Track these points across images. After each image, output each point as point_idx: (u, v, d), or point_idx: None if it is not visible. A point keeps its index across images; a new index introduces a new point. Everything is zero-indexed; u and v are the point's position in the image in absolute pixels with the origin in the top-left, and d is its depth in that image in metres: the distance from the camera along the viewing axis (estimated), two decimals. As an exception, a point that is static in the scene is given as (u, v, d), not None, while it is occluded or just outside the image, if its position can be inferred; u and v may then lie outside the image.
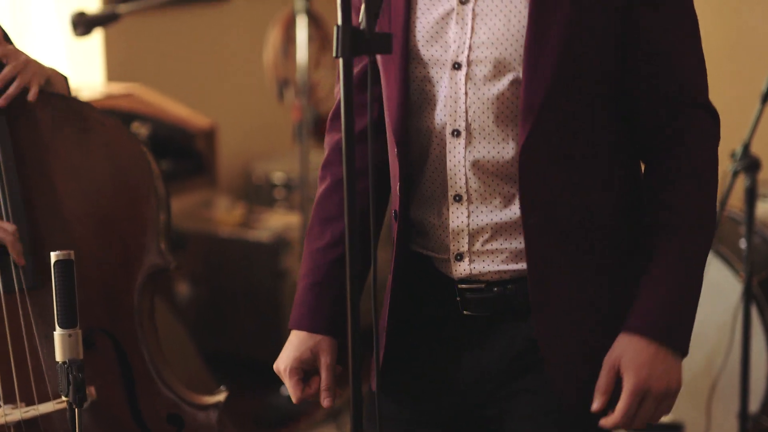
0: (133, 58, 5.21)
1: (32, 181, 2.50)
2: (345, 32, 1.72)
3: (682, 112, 1.99)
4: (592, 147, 1.99)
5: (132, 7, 4.41)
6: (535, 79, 1.93)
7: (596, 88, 1.97)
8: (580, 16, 1.92)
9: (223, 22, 5.60)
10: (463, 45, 1.98)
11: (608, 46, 1.95)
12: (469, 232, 2.03)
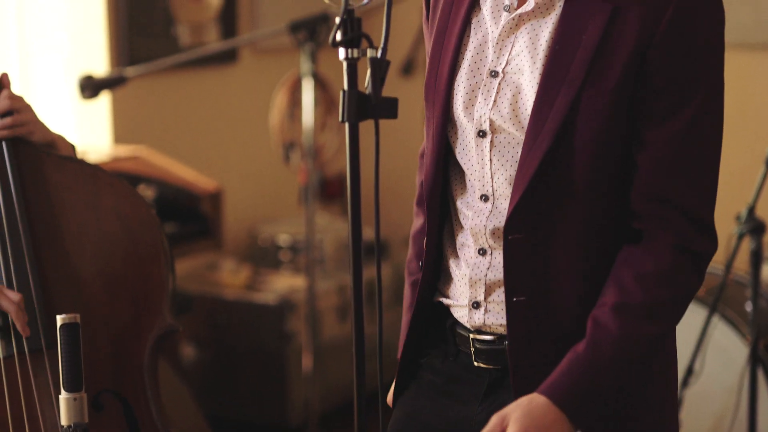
0: (139, 120, 5.24)
1: (43, 242, 2.51)
2: (351, 97, 1.74)
3: (671, 220, 1.99)
4: (578, 224, 2.02)
5: (139, 71, 4.44)
6: (529, 156, 1.98)
7: (587, 173, 1.99)
8: (581, 106, 1.96)
9: (229, 85, 5.64)
10: (484, 115, 2.04)
11: (606, 141, 1.98)
12: (486, 282, 2.09)
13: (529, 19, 2.02)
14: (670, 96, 1.96)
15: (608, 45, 1.95)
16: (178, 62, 4.77)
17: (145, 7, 5.18)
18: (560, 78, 1.96)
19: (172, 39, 5.31)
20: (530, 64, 2.01)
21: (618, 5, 1.95)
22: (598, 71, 1.95)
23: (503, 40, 2.04)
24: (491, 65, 2.05)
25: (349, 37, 1.75)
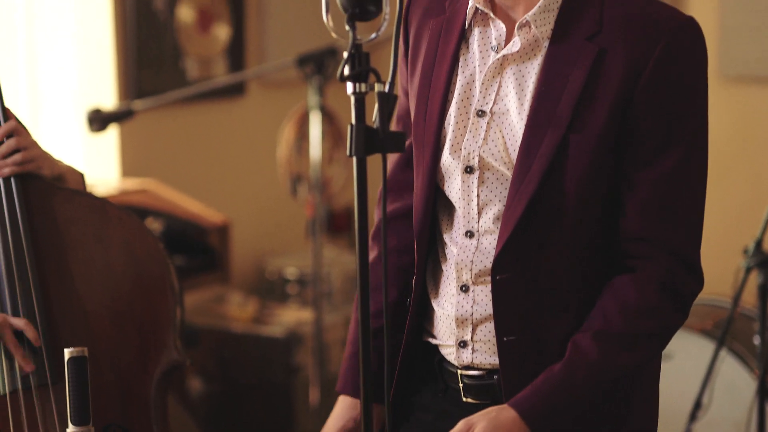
0: (147, 153, 5.25)
1: (50, 275, 2.51)
2: (359, 131, 1.75)
3: (658, 259, 2.00)
4: (566, 263, 2.02)
5: (147, 104, 4.46)
6: (516, 196, 1.99)
7: (575, 212, 2.00)
8: (568, 148, 1.97)
9: (237, 118, 5.65)
10: (473, 152, 2.04)
11: (593, 181, 1.99)
12: (472, 321, 2.08)
13: (515, 60, 2.03)
14: (656, 138, 1.97)
15: (594, 87, 1.96)
16: (186, 95, 4.79)
17: (153, 40, 5.21)
18: (547, 120, 1.97)
19: (180, 72, 5.33)
20: (517, 105, 2.02)
21: (604, 47, 1.96)
22: (584, 113, 1.96)
23: (489, 80, 2.05)
24: (478, 104, 2.06)
25: (357, 72, 1.76)
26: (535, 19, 2.00)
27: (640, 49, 1.95)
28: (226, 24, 5.52)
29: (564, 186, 1.98)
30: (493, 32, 2.07)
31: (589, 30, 1.98)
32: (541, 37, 2.01)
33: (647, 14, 1.98)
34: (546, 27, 2.01)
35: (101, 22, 5.08)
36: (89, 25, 5.11)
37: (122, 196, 4.63)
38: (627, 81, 1.95)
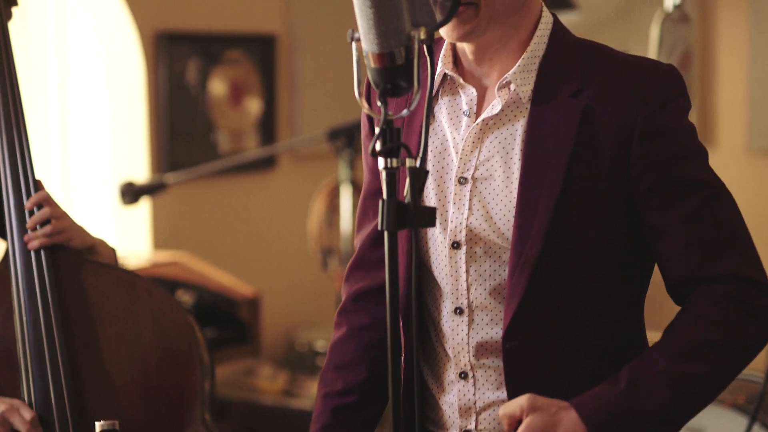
0: (179, 226, 5.28)
1: (79, 349, 2.52)
2: (390, 206, 1.75)
3: (720, 285, 1.95)
4: (579, 322, 1.99)
5: (179, 177, 4.49)
6: (520, 262, 1.95)
7: (583, 268, 1.97)
8: (567, 207, 1.95)
9: (268, 191, 5.68)
10: (460, 225, 2.01)
11: (600, 234, 1.96)
12: (476, 410, 2.04)
13: (496, 123, 2.00)
14: (669, 184, 1.95)
15: (586, 143, 1.94)
16: (217, 169, 4.82)
17: (185, 113, 5.25)
18: (540, 180, 1.95)
19: (212, 145, 5.37)
20: (504, 169, 1.98)
21: (589, 104, 1.95)
22: (579, 170, 1.94)
23: (470, 145, 2.02)
24: (458, 172, 2.02)
25: (388, 147, 1.76)
26: (516, 78, 1.98)
27: (628, 102, 1.94)
28: (257, 97, 5.56)
29: (569, 244, 1.95)
30: (463, 98, 2.04)
31: (573, 87, 1.97)
32: (522, 97, 1.99)
33: (629, 69, 1.98)
34: (527, 87, 1.99)
35: (134, 95, 5.14)
36: (122, 98, 5.16)
37: (154, 268, 4.65)
38: (620, 135, 1.94)
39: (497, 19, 1.97)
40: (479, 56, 2.03)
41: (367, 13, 1.74)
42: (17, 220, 2.54)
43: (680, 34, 3.51)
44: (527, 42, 2.01)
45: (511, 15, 1.98)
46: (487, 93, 2.04)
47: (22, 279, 2.52)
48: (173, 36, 5.17)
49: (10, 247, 2.55)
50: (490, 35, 1.99)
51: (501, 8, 1.96)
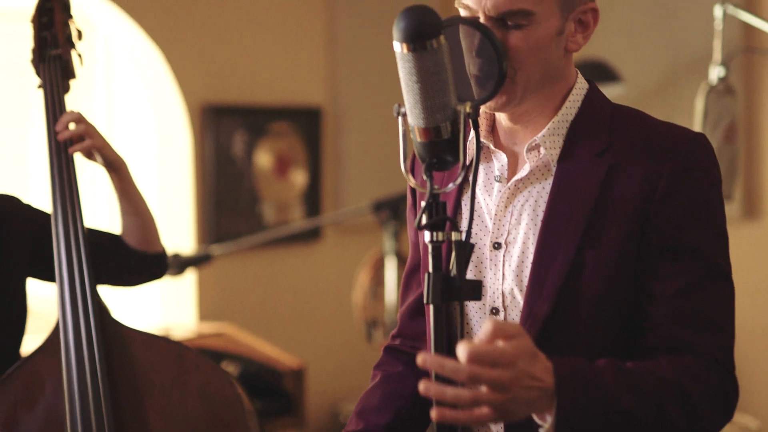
0: (224, 297, 5.30)
1: (127, 420, 2.52)
2: (436, 279, 1.75)
3: (679, 357, 1.93)
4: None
5: (224, 249, 4.52)
6: (530, 318, 1.95)
7: (592, 330, 1.96)
8: (582, 264, 1.94)
9: (313, 263, 5.70)
10: (497, 291, 2.02)
11: (611, 295, 1.96)
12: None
13: (526, 186, 2.02)
14: (675, 252, 1.94)
15: (607, 202, 1.95)
16: (262, 240, 4.84)
17: (231, 185, 5.30)
18: (558, 236, 1.95)
19: (258, 217, 5.41)
20: (534, 231, 1.99)
21: (614, 163, 1.96)
22: (598, 228, 1.94)
23: (502, 210, 2.03)
24: (492, 237, 2.03)
25: (434, 221, 1.77)
26: (544, 141, 2.00)
27: (653, 165, 1.94)
28: (303, 169, 5.60)
29: (579, 301, 1.95)
30: (495, 164, 2.06)
31: (599, 147, 1.98)
32: (551, 159, 2.00)
33: (657, 132, 1.98)
34: (555, 149, 2.00)
35: (181, 167, 5.19)
36: (169, 170, 5.22)
37: (199, 339, 4.67)
38: (641, 196, 1.94)
39: (532, 88, 1.98)
40: (515, 123, 2.05)
41: (413, 89, 1.76)
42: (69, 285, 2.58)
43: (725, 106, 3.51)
44: (560, 107, 2.03)
45: (547, 84, 2.01)
46: (519, 157, 2.06)
47: (73, 350, 2.54)
48: (220, 109, 5.23)
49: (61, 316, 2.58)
50: (527, 104, 2.01)
51: (536, 78, 1.98)
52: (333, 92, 5.72)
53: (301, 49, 5.59)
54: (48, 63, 2.77)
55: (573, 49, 2.00)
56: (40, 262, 2.68)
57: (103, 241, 2.77)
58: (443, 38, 1.75)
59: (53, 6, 2.80)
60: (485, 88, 1.90)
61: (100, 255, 2.71)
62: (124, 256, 2.78)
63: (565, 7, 1.96)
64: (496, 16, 1.92)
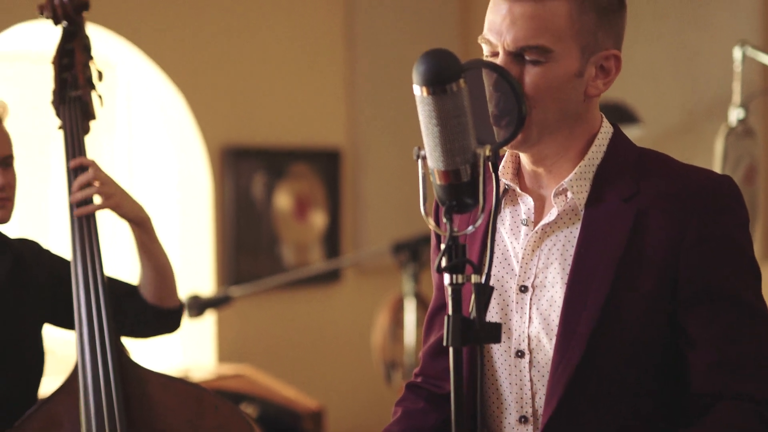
0: (244, 339, 5.30)
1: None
2: (455, 322, 1.75)
3: (725, 402, 1.94)
4: (619, 422, 1.97)
5: (244, 290, 4.52)
6: (562, 364, 1.95)
7: (625, 377, 1.96)
8: (612, 311, 1.94)
9: (332, 304, 5.70)
10: (522, 334, 2.02)
11: (644, 338, 1.96)
12: None
13: (554, 230, 2.02)
14: (710, 297, 1.94)
15: (636, 247, 1.95)
16: (282, 282, 4.84)
17: (251, 226, 5.31)
18: (588, 283, 1.95)
19: (277, 258, 5.41)
20: (562, 275, 1.99)
21: (642, 208, 1.96)
22: (628, 274, 1.94)
23: (529, 253, 2.03)
24: (519, 280, 2.03)
25: (454, 264, 1.77)
26: (572, 186, 2.00)
27: (681, 209, 1.94)
28: (322, 211, 5.61)
29: (611, 347, 1.94)
30: (522, 207, 2.06)
31: (626, 192, 1.98)
32: (578, 203, 2.00)
33: (684, 176, 1.98)
34: (582, 194, 2.00)
35: (201, 209, 5.20)
36: (189, 211, 5.23)
37: (218, 381, 4.66)
38: (671, 241, 1.94)
39: (549, 128, 1.99)
40: (538, 166, 2.05)
41: (433, 131, 1.77)
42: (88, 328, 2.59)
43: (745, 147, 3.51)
44: (585, 152, 2.03)
45: (566, 125, 2.01)
46: (545, 202, 2.06)
47: (91, 392, 2.54)
48: (240, 150, 5.25)
49: (80, 356, 2.58)
50: (545, 145, 2.01)
51: (553, 117, 1.98)
52: (352, 134, 5.74)
53: (321, 91, 5.62)
54: (68, 104, 2.78)
55: (593, 94, 2.01)
56: (59, 307, 2.69)
57: (119, 291, 2.77)
58: (463, 82, 1.75)
59: (74, 47, 2.82)
60: (503, 126, 1.91)
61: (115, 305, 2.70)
62: (137, 308, 2.78)
63: (586, 49, 1.97)
64: (514, 51, 1.94)
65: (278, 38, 5.43)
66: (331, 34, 5.65)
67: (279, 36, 5.43)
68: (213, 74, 5.20)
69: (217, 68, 5.21)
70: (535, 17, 1.93)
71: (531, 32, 1.93)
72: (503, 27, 1.94)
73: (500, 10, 1.95)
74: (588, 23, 1.96)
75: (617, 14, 2.01)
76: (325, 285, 5.63)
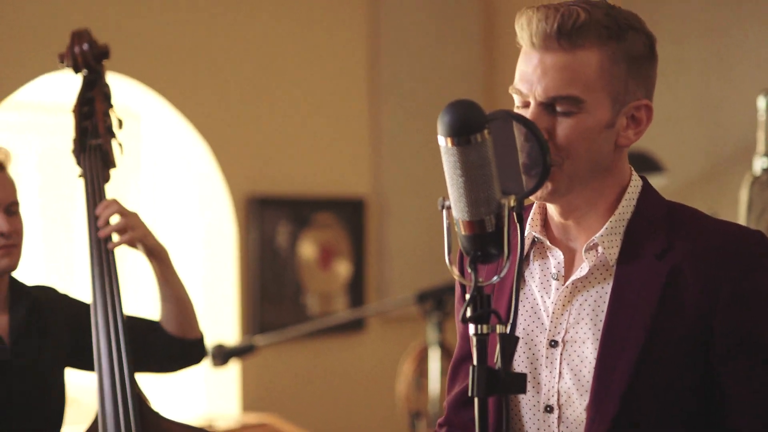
0: (268, 388, 5.29)
1: None
2: (480, 372, 1.75)
3: None
4: None
5: (268, 339, 4.52)
6: (596, 421, 1.94)
7: (661, 422, 1.95)
8: (645, 369, 1.94)
9: (357, 353, 5.68)
10: (552, 389, 2.01)
11: (678, 395, 1.95)
12: None
13: (585, 286, 2.01)
14: (749, 354, 1.93)
15: (669, 304, 1.94)
16: (306, 331, 4.84)
17: (275, 276, 5.31)
18: (620, 343, 1.94)
19: (302, 307, 5.41)
20: (594, 331, 1.98)
21: (675, 265, 1.95)
22: (661, 332, 1.93)
23: (560, 308, 2.02)
24: (549, 335, 2.03)
25: (479, 314, 1.77)
26: (603, 241, 1.99)
27: (714, 266, 1.94)
28: (347, 260, 5.61)
29: (647, 403, 1.93)
30: (551, 261, 2.06)
31: (658, 248, 1.98)
32: (609, 259, 2.00)
33: (716, 232, 1.98)
34: (614, 249, 2.00)
35: (226, 258, 5.21)
36: (214, 260, 5.24)
37: (243, 430, 4.66)
38: (705, 299, 1.93)
39: (580, 179, 1.98)
40: (567, 218, 2.04)
41: (457, 182, 1.77)
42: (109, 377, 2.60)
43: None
44: (615, 205, 2.02)
45: (597, 177, 2.00)
46: (575, 255, 2.05)
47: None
48: (264, 199, 5.27)
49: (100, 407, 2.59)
50: (575, 196, 2.01)
51: (584, 168, 1.98)
52: (377, 183, 5.75)
53: (346, 140, 5.64)
54: (88, 153, 2.81)
55: (624, 144, 2.01)
56: (79, 351, 2.70)
57: (142, 328, 2.79)
58: (487, 132, 1.76)
59: (94, 96, 2.84)
60: (532, 176, 1.91)
61: (139, 342, 2.72)
62: (162, 342, 2.79)
63: (617, 100, 1.97)
64: (545, 101, 1.95)
65: (302, 87, 5.46)
66: (355, 84, 5.68)
67: (303, 85, 5.46)
68: (237, 123, 5.23)
69: (241, 117, 5.24)
70: (566, 68, 1.93)
71: (562, 83, 1.93)
72: (534, 77, 1.95)
73: (531, 60, 1.96)
74: (619, 73, 1.96)
75: (648, 64, 2.01)
76: (350, 334, 5.63)
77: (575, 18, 1.92)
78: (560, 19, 1.92)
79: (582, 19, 1.92)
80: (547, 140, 1.90)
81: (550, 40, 1.93)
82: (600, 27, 1.94)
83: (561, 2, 1.96)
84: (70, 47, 2.84)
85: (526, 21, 1.95)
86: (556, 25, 1.92)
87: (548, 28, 1.93)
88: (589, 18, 1.93)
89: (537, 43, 1.94)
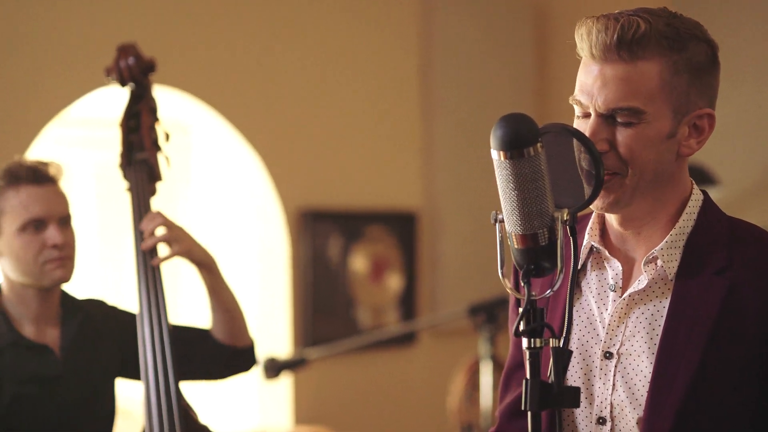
0: (320, 401, 5.30)
1: None
2: (534, 386, 1.74)
3: None
4: None
5: (320, 353, 4.53)
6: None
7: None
8: (702, 385, 1.92)
9: (408, 367, 5.68)
10: (605, 401, 1.99)
11: (733, 414, 1.93)
12: None
13: (643, 300, 1.99)
14: None
15: (727, 323, 1.92)
16: (358, 344, 4.85)
17: (327, 289, 5.32)
18: (677, 358, 1.93)
19: (353, 321, 5.42)
20: (649, 345, 1.97)
21: (734, 282, 1.93)
22: (718, 350, 1.91)
23: (616, 320, 2.01)
24: (604, 347, 2.01)
25: (532, 327, 1.77)
26: (662, 255, 1.98)
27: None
28: (398, 273, 5.61)
29: (701, 421, 1.92)
30: (609, 272, 2.04)
31: (718, 265, 1.96)
32: (668, 273, 1.98)
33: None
34: (673, 263, 1.98)
35: (278, 271, 5.23)
36: (266, 274, 5.26)
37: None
38: (763, 315, 1.91)
39: (643, 190, 1.97)
40: (626, 228, 2.03)
41: (510, 195, 1.77)
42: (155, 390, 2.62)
43: (826, 209, 3.47)
44: (676, 218, 2.01)
45: (658, 188, 1.99)
46: (634, 267, 2.03)
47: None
48: (316, 213, 5.28)
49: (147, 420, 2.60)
50: (637, 207, 1.99)
51: (648, 179, 1.96)
52: (429, 196, 5.75)
53: (397, 153, 5.64)
54: (135, 166, 2.82)
55: (686, 154, 1.99)
56: (129, 362, 2.72)
57: (192, 337, 2.80)
58: (540, 146, 1.76)
59: (140, 109, 2.86)
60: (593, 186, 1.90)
61: (189, 351, 2.74)
62: (212, 350, 2.81)
63: (678, 110, 1.95)
64: (606, 113, 1.93)
65: (354, 99, 5.47)
66: (407, 96, 5.68)
67: (355, 97, 5.47)
68: (289, 136, 5.24)
69: (293, 130, 5.26)
70: (626, 79, 1.92)
71: (622, 94, 1.92)
72: (594, 88, 1.94)
73: (591, 71, 1.95)
74: (680, 84, 1.94)
75: (710, 73, 1.99)
76: (401, 347, 5.62)
77: (635, 29, 1.91)
78: (620, 30, 1.91)
79: (642, 30, 1.91)
80: (604, 152, 1.89)
81: (610, 51, 1.92)
82: (661, 38, 1.92)
83: (621, 11, 1.95)
84: (117, 61, 2.86)
85: (586, 32, 1.94)
86: (616, 37, 1.91)
87: (608, 39, 1.91)
88: (649, 29, 1.91)
89: (597, 54, 1.93)
